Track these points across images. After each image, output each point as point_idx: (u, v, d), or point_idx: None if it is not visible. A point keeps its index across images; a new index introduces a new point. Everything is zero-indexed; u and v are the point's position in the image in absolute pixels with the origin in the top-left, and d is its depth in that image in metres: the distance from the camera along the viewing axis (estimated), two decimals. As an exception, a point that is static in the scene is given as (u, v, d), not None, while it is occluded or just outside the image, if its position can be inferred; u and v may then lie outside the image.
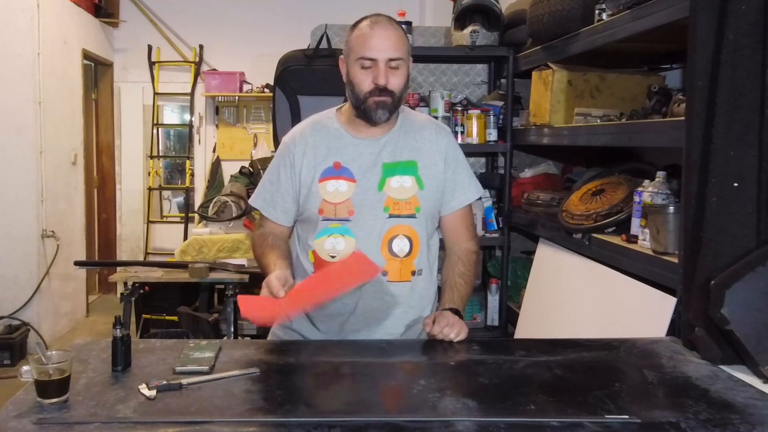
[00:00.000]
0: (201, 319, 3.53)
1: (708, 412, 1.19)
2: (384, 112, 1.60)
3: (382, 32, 1.57)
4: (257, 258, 1.71)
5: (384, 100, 1.58)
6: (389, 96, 1.58)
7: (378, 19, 1.60)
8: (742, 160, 1.52)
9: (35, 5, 4.35)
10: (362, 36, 1.58)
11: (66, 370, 1.21)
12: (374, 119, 1.61)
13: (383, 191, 1.63)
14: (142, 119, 5.92)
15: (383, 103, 1.58)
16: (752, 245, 1.51)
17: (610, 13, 2.28)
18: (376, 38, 1.56)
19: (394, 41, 1.57)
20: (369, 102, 1.59)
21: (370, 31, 1.58)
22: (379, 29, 1.57)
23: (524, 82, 3.31)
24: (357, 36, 1.60)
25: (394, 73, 1.58)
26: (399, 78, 1.59)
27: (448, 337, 1.56)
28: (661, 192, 2.02)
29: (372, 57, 1.56)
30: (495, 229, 3.42)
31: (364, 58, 1.57)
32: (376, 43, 1.56)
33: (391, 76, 1.57)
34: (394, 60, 1.57)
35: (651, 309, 1.95)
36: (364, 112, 1.61)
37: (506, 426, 1.13)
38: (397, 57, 1.57)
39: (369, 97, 1.58)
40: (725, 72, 1.52)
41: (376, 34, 1.57)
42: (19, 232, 4.33)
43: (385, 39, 1.56)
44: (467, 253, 1.73)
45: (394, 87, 1.58)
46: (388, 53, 1.56)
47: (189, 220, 5.67)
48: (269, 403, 1.23)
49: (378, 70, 1.56)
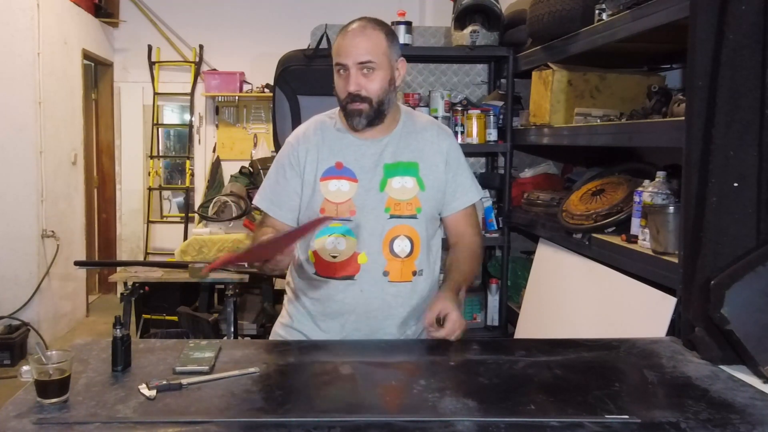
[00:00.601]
0: (201, 319, 3.53)
1: (708, 412, 1.19)
2: (360, 120, 1.60)
3: (353, 37, 1.57)
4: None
5: (360, 107, 1.58)
6: (365, 102, 1.58)
7: (354, 24, 1.60)
8: (742, 160, 1.52)
9: (35, 5, 4.35)
10: (337, 43, 1.60)
11: (66, 370, 1.21)
12: (353, 126, 1.62)
13: (385, 192, 1.64)
14: (142, 119, 5.92)
15: (359, 111, 1.59)
16: (752, 245, 1.51)
17: (610, 13, 2.27)
18: (347, 44, 1.57)
19: (364, 45, 1.56)
20: (348, 108, 1.60)
21: (342, 36, 1.59)
22: (351, 34, 1.57)
23: (524, 82, 3.31)
24: (335, 43, 1.61)
25: (369, 77, 1.57)
26: (374, 82, 1.57)
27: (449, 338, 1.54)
28: (661, 192, 2.01)
29: (342, 62, 1.57)
30: (495, 229, 3.42)
31: (338, 64, 1.59)
32: (346, 48, 1.57)
33: (364, 81, 1.57)
34: (364, 63, 1.56)
35: (651, 309, 1.95)
36: (346, 117, 1.63)
37: (506, 426, 1.13)
38: (366, 60, 1.56)
39: (347, 103, 1.59)
40: (725, 72, 1.52)
41: (346, 39, 1.57)
42: (19, 232, 4.33)
43: (354, 44, 1.56)
44: (472, 244, 1.74)
45: (369, 92, 1.57)
46: (357, 57, 1.56)
47: (189, 220, 5.67)
48: (269, 403, 1.23)
49: (349, 76, 1.57)
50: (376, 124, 1.63)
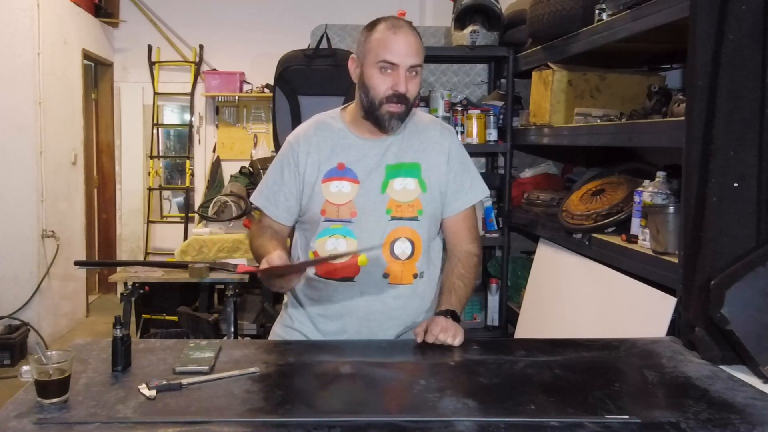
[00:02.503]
0: (201, 319, 3.53)
1: (708, 412, 1.19)
2: (397, 122, 1.59)
3: (406, 38, 1.55)
4: (254, 247, 1.68)
5: (399, 110, 1.57)
6: (404, 104, 1.57)
7: (400, 23, 1.58)
8: (742, 160, 1.52)
9: (35, 5, 4.35)
10: (384, 39, 1.55)
11: (66, 370, 1.21)
12: (387, 128, 1.60)
13: (386, 193, 1.63)
14: (142, 119, 5.92)
15: (398, 114, 1.57)
16: (752, 245, 1.51)
17: (610, 13, 2.28)
18: (401, 43, 1.54)
19: (416, 47, 1.56)
20: (383, 109, 1.57)
21: (393, 35, 1.55)
22: (403, 34, 1.55)
23: (524, 82, 3.31)
24: (378, 39, 1.56)
25: (413, 80, 1.57)
26: (416, 85, 1.58)
27: (446, 342, 1.53)
28: (661, 192, 2.01)
29: (394, 62, 1.54)
30: (495, 229, 3.42)
31: (385, 61, 1.55)
32: (400, 48, 1.54)
33: (409, 83, 1.56)
34: (415, 67, 1.56)
35: (651, 309, 1.95)
36: (376, 119, 1.59)
37: (506, 426, 1.13)
38: (417, 64, 1.56)
39: (385, 103, 1.56)
40: (725, 72, 1.52)
41: (400, 39, 1.55)
42: (19, 232, 4.33)
43: (408, 44, 1.55)
44: (468, 255, 1.71)
45: (411, 94, 1.57)
46: (411, 59, 1.55)
47: (189, 220, 5.67)
48: (269, 403, 1.23)
49: (398, 76, 1.55)
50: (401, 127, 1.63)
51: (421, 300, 1.68)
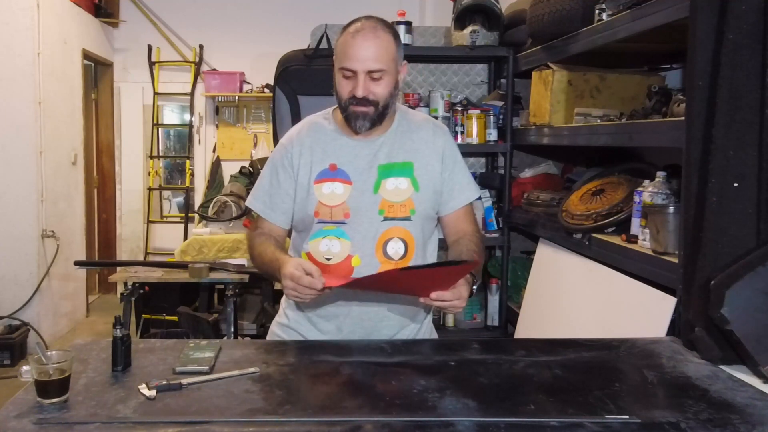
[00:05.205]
0: (201, 319, 3.53)
1: (708, 412, 1.19)
2: (364, 123, 1.58)
3: (363, 42, 1.53)
4: (257, 257, 1.67)
5: (365, 110, 1.56)
6: (371, 106, 1.56)
7: (362, 26, 1.56)
8: (742, 160, 1.52)
9: (35, 5, 4.35)
10: (344, 44, 1.55)
11: (66, 370, 1.21)
12: (355, 129, 1.59)
13: (378, 194, 1.62)
14: (142, 119, 5.92)
15: (364, 114, 1.57)
16: (752, 245, 1.51)
17: (610, 13, 2.27)
18: (357, 48, 1.53)
19: (374, 51, 1.53)
20: (349, 110, 1.57)
21: (351, 40, 1.54)
22: (360, 39, 1.53)
23: (524, 82, 3.31)
24: (341, 43, 1.57)
25: (376, 83, 1.55)
26: (382, 87, 1.56)
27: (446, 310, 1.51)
28: (661, 192, 2.01)
29: (352, 68, 1.54)
30: (495, 229, 3.42)
31: (344, 68, 1.55)
32: (356, 53, 1.53)
33: (372, 87, 1.55)
34: (375, 72, 1.54)
35: (651, 309, 1.95)
36: (347, 119, 1.60)
37: (506, 426, 1.13)
38: (377, 69, 1.53)
39: (349, 105, 1.57)
40: (725, 72, 1.52)
41: (356, 43, 1.53)
42: (19, 232, 4.33)
43: (364, 50, 1.52)
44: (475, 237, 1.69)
45: (376, 96, 1.56)
46: (368, 65, 1.53)
47: (189, 220, 5.67)
48: (269, 403, 1.23)
49: (357, 82, 1.54)
50: (376, 126, 1.62)
51: (415, 299, 1.67)
